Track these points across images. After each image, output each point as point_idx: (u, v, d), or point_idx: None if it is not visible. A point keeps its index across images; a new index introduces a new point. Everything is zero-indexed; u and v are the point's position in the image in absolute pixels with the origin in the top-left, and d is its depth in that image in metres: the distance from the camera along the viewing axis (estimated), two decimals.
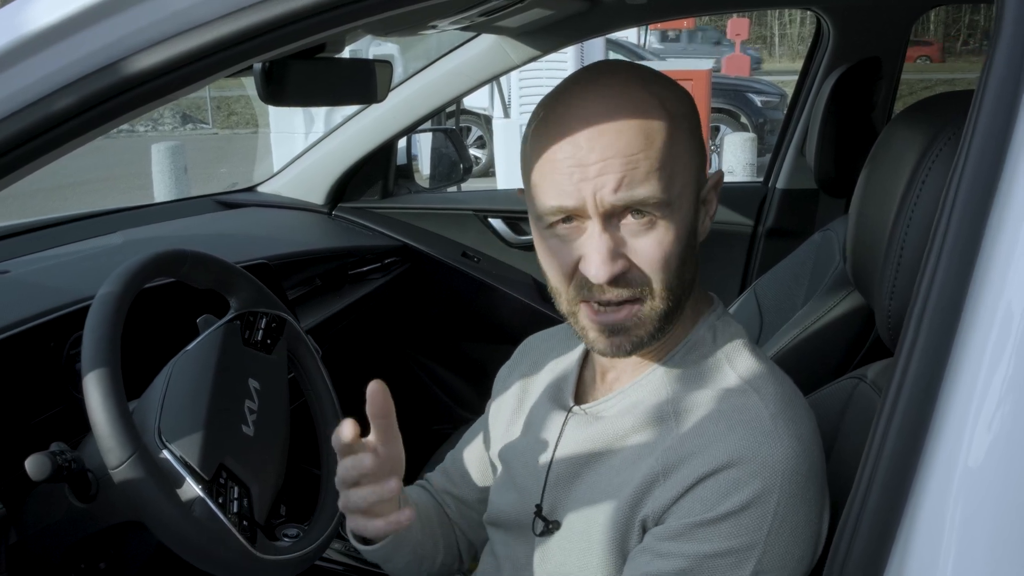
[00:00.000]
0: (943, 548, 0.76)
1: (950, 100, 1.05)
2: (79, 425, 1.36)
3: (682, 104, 0.99)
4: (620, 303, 0.97)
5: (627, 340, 0.99)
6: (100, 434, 1.12)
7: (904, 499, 0.78)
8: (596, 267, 0.94)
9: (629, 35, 12.27)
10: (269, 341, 1.44)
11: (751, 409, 0.96)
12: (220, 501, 1.18)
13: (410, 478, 1.40)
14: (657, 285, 0.97)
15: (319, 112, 8.41)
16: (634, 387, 1.04)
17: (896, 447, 0.78)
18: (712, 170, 1.03)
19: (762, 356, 1.04)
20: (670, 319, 1.00)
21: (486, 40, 2.41)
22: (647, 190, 0.93)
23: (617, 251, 0.95)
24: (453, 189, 3.61)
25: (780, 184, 2.70)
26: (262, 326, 1.44)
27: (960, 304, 0.75)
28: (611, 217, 0.95)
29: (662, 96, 0.97)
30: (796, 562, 0.93)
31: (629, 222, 0.95)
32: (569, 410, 1.10)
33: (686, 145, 0.97)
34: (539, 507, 1.08)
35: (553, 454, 1.08)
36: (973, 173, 0.75)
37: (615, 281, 0.96)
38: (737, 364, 1.02)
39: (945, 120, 0.97)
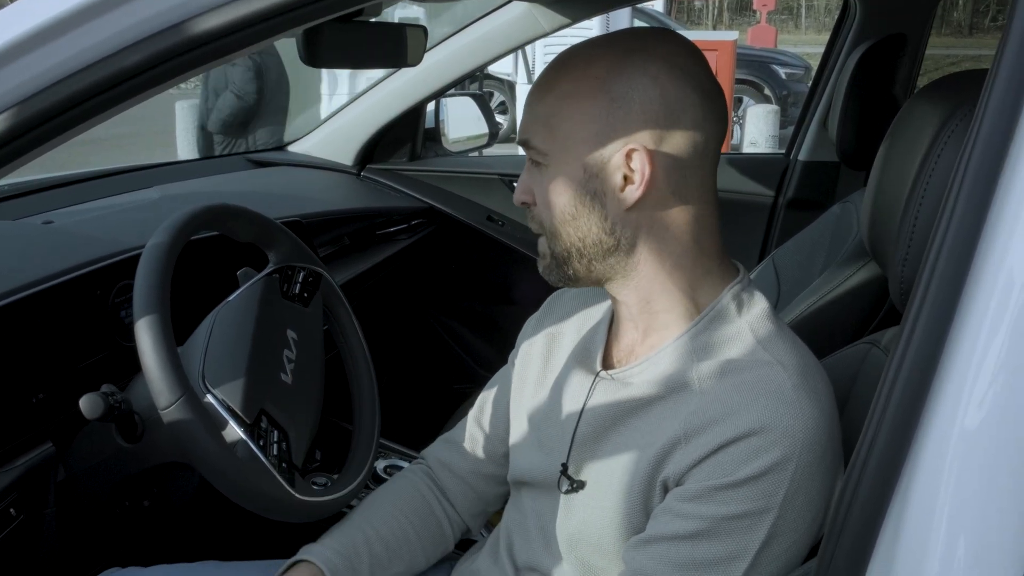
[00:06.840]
0: (939, 503, 0.79)
1: (967, 79, 1.09)
2: (124, 370, 1.43)
3: (626, 81, 1.01)
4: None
5: (541, 267, 1.13)
6: (151, 376, 1.17)
7: (904, 455, 0.81)
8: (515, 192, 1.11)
9: (656, 4, 12.18)
10: (306, 294, 1.50)
11: (774, 380, 0.99)
12: (261, 444, 1.24)
13: (431, 436, 1.45)
14: (546, 224, 1.08)
15: (342, 75, 8.40)
16: (660, 354, 1.07)
17: (899, 406, 0.81)
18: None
19: (785, 328, 1.08)
20: (568, 264, 1.08)
21: (517, 7, 2.42)
22: (528, 133, 1.06)
23: (530, 185, 1.09)
24: (476, 154, 3.63)
25: (802, 156, 2.71)
26: (299, 280, 1.50)
27: (964, 272, 0.78)
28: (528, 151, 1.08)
29: (611, 62, 1.02)
30: (807, 526, 0.99)
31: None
32: (596, 375, 1.13)
33: (598, 111, 1.01)
34: (565, 466, 1.12)
35: (580, 416, 1.12)
36: (982, 150, 0.78)
37: (530, 213, 1.10)
38: (761, 335, 1.05)
39: (961, 98, 1.01)
